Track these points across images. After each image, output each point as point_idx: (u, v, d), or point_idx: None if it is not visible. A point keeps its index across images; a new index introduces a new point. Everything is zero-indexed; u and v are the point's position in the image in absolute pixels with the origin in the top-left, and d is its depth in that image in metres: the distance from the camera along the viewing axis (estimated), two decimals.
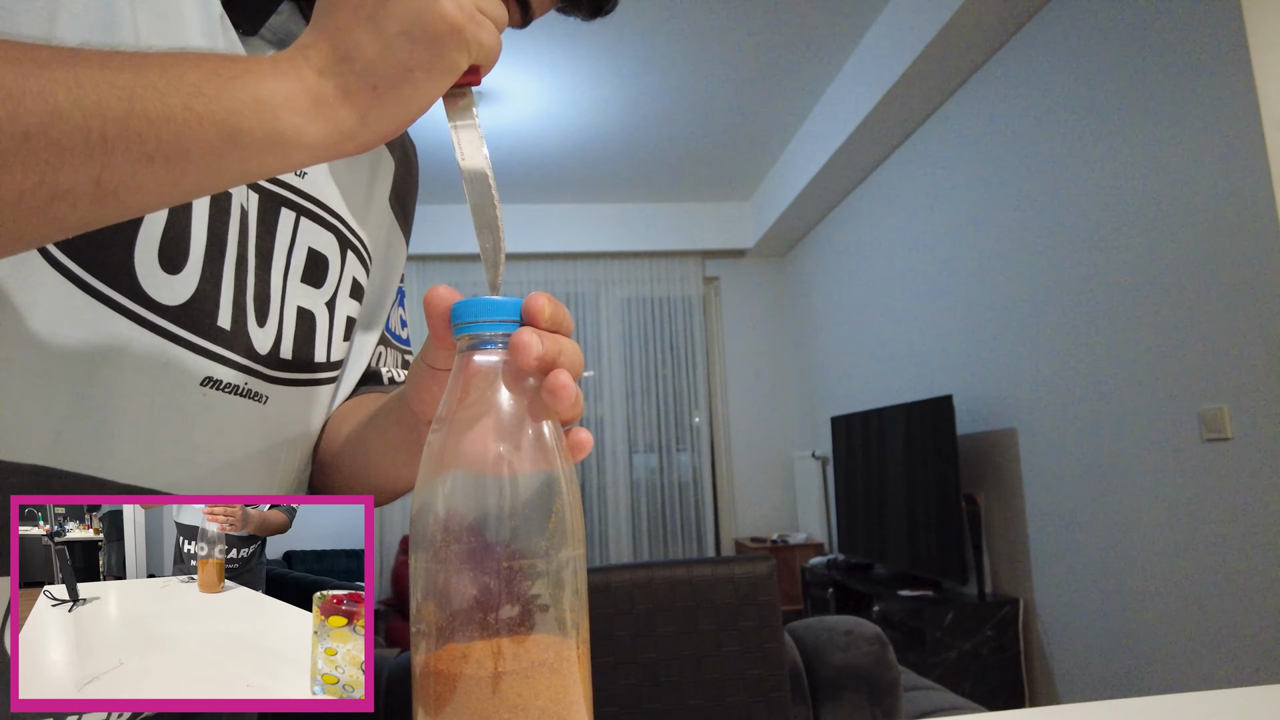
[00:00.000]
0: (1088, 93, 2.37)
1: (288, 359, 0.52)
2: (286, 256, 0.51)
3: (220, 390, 0.47)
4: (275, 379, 0.51)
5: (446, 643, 0.33)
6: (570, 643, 0.35)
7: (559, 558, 0.35)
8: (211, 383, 0.47)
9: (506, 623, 0.33)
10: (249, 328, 0.48)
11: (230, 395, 0.48)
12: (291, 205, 0.51)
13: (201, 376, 0.46)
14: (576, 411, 0.38)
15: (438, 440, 0.36)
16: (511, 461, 0.35)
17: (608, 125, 4.00)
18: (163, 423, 0.45)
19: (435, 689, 0.33)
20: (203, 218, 0.45)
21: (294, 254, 0.52)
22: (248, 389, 0.49)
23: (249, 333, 0.48)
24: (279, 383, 0.52)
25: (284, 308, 0.51)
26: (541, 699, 0.33)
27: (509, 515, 0.34)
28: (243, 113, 0.32)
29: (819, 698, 1.22)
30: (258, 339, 0.49)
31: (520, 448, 0.36)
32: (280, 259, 0.51)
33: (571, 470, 0.37)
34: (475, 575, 0.34)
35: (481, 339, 0.36)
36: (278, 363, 0.51)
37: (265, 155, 0.34)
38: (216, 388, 0.47)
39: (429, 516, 0.35)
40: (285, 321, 0.52)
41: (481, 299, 0.36)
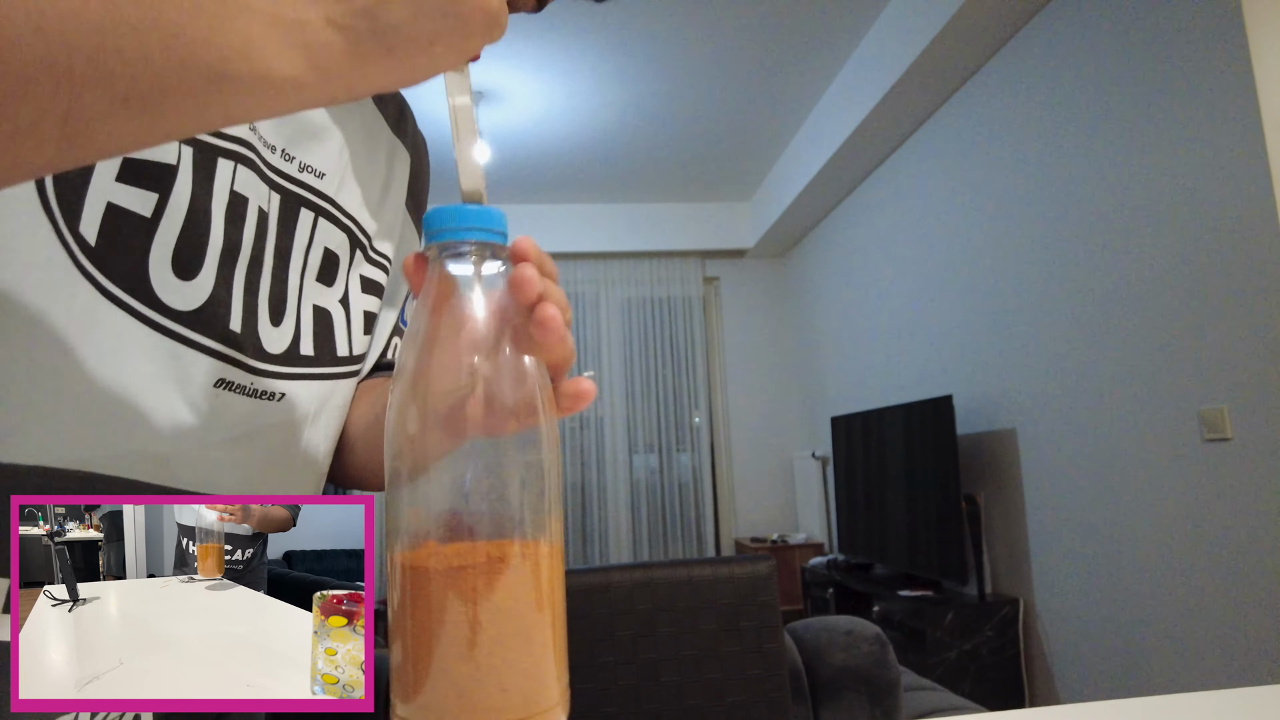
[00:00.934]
0: (1087, 93, 2.37)
1: (309, 355, 0.53)
2: (304, 255, 0.52)
3: (233, 391, 0.48)
4: (293, 375, 0.52)
5: (419, 545, 0.34)
6: (539, 544, 0.35)
7: (530, 461, 0.35)
8: (224, 384, 0.47)
9: (479, 527, 0.34)
10: (259, 329, 0.49)
11: (242, 396, 0.49)
12: (311, 206, 0.52)
13: (215, 379, 0.47)
14: (567, 350, 0.37)
15: (408, 350, 0.36)
16: (486, 377, 0.35)
17: (608, 125, 4.00)
18: (179, 424, 0.45)
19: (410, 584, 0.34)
20: (220, 224, 0.45)
21: (311, 253, 0.52)
22: (256, 389, 0.50)
23: (259, 334, 0.49)
24: (298, 378, 0.52)
25: (300, 306, 0.52)
26: (499, 595, 0.33)
27: (481, 421, 0.34)
28: (230, 59, 0.30)
29: (819, 698, 1.22)
30: (270, 339, 0.49)
31: (496, 363, 0.36)
32: (298, 258, 0.51)
33: (545, 379, 0.37)
34: (449, 482, 0.34)
35: (455, 247, 0.36)
36: (298, 359, 0.52)
37: (251, 100, 0.31)
38: (229, 389, 0.48)
39: (402, 421, 0.35)
40: (303, 320, 0.52)
41: (457, 205, 0.36)
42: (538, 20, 3.04)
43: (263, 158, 0.48)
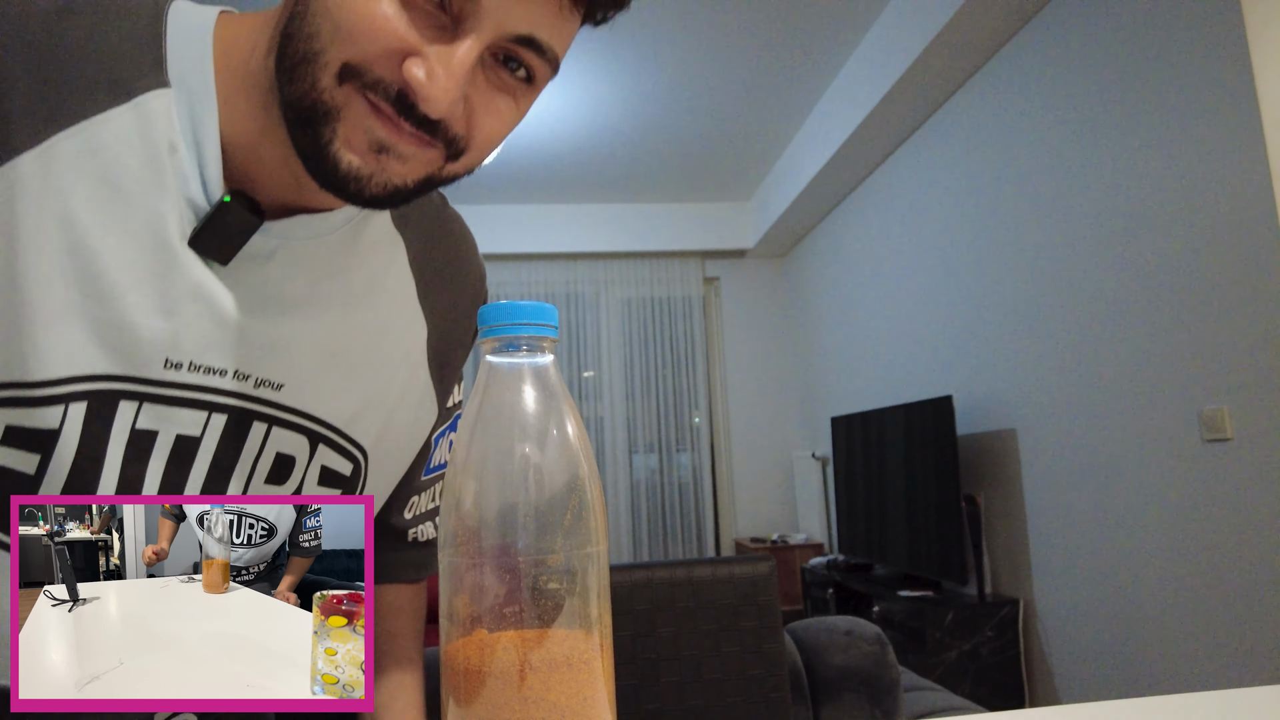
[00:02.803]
0: (1087, 93, 2.37)
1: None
2: (252, 464, 0.52)
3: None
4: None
5: (470, 634, 0.34)
6: (592, 637, 0.35)
7: (581, 554, 0.35)
8: None
9: (528, 617, 0.34)
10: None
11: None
12: (264, 417, 0.52)
13: None
14: None
15: (464, 440, 0.36)
16: (535, 461, 0.36)
17: (608, 126, 4.00)
18: None
19: (463, 680, 0.34)
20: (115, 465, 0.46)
21: (261, 460, 0.53)
22: None
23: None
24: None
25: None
26: (554, 693, 0.33)
27: (533, 513, 0.35)
28: None
29: (819, 698, 1.22)
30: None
31: (544, 448, 0.36)
32: (244, 468, 0.52)
33: (593, 468, 0.37)
34: (498, 571, 0.34)
35: (505, 341, 0.37)
36: None
37: None
38: None
39: (456, 513, 0.35)
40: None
41: (507, 303, 0.37)
42: None
43: (201, 385, 0.48)
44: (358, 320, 0.56)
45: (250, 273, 0.49)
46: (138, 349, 0.45)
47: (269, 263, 0.50)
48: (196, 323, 0.47)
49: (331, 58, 0.42)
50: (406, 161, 0.45)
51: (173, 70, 0.46)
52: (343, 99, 0.43)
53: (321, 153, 0.44)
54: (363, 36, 0.42)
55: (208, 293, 0.47)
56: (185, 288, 0.46)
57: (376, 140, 0.44)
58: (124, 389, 0.45)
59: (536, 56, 0.46)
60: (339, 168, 0.44)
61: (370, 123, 0.44)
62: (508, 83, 0.47)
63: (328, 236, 0.53)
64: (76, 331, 0.43)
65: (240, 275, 0.49)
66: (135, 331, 0.44)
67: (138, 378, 0.45)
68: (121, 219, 0.44)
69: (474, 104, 0.46)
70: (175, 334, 0.46)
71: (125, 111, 0.44)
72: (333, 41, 0.42)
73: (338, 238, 0.54)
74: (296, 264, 0.52)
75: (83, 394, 0.43)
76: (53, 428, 0.43)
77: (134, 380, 0.45)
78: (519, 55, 0.45)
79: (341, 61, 0.42)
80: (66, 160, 0.42)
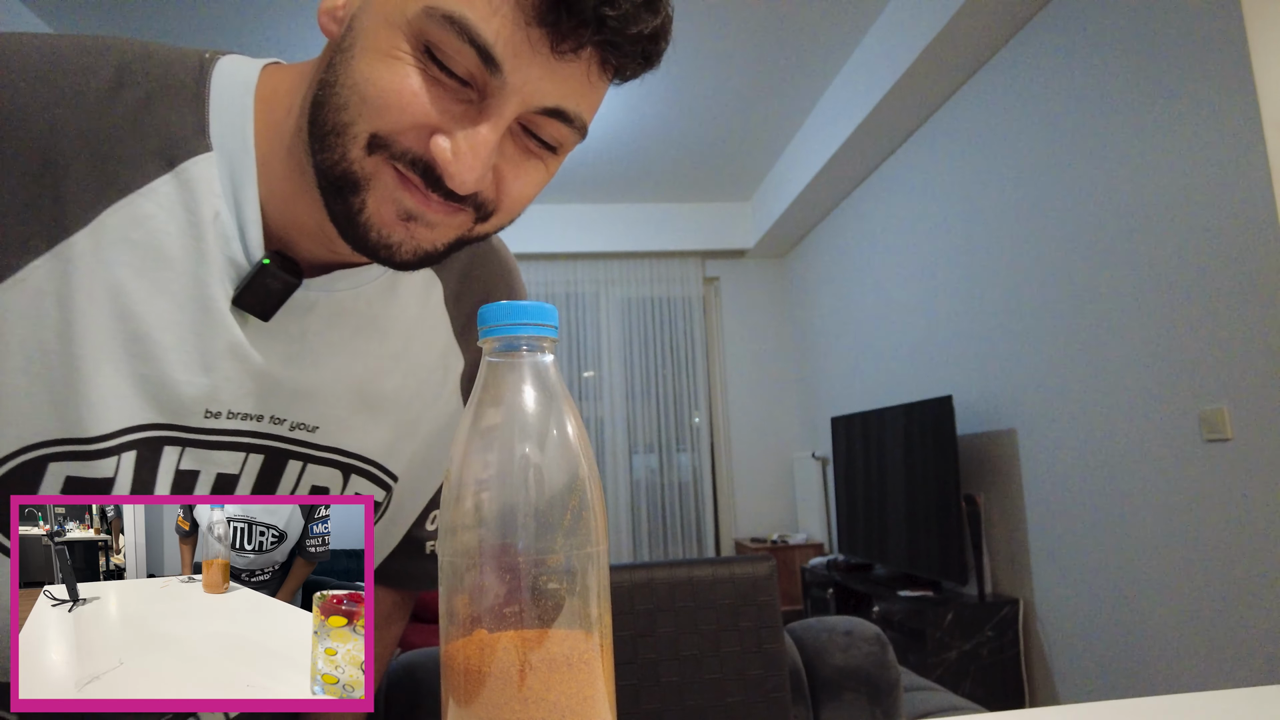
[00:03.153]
0: (1087, 93, 2.37)
1: None
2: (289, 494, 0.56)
3: None
4: None
5: (470, 634, 0.34)
6: (592, 638, 0.35)
7: (581, 554, 0.35)
8: None
9: (528, 617, 0.34)
10: None
11: None
12: (299, 456, 0.55)
13: None
14: None
15: (464, 440, 0.36)
16: (535, 461, 0.36)
17: (608, 126, 4.00)
18: None
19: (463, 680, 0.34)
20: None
21: (297, 493, 0.56)
22: None
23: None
24: None
25: None
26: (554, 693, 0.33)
27: (533, 513, 0.35)
28: None
29: (819, 698, 1.22)
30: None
31: (544, 448, 0.36)
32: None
33: (594, 468, 0.37)
34: (498, 571, 0.34)
35: (505, 341, 0.37)
36: None
37: None
38: None
39: (456, 513, 0.35)
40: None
41: (507, 303, 0.37)
42: None
43: (238, 430, 0.51)
44: (393, 363, 0.58)
45: (291, 324, 0.52)
46: (180, 403, 0.48)
47: (309, 314, 0.52)
48: (234, 377, 0.49)
49: (360, 130, 0.43)
50: (435, 228, 0.47)
51: (214, 133, 0.48)
52: (372, 169, 0.44)
53: (353, 220, 0.45)
54: (390, 112, 0.43)
55: (245, 351, 0.49)
56: (224, 346, 0.49)
57: (405, 210, 0.45)
58: (168, 436, 0.48)
59: (564, 125, 0.47)
60: (369, 236, 0.46)
61: (399, 194, 0.45)
62: (535, 149, 0.48)
63: (367, 286, 0.55)
64: (125, 388, 0.46)
65: (282, 327, 0.51)
66: (177, 388, 0.47)
67: (180, 425, 0.49)
68: (165, 283, 0.46)
69: (503, 171, 0.47)
70: (214, 388, 0.49)
71: (168, 181, 0.46)
72: (361, 114, 0.43)
73: (375, 288, 0.56)
74: (336, 314, 0.54)
75: (132, 444, 0.47)
76: (108, 476, 0.46)
77: (177, 429, 0.49)
78: (546, 126, 0.46)
79: (369, 133, 0.43)
80: (115, 233, 0.45)
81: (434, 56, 0.43)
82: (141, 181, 0.46)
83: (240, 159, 0.48)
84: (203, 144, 0.47)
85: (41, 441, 0.44)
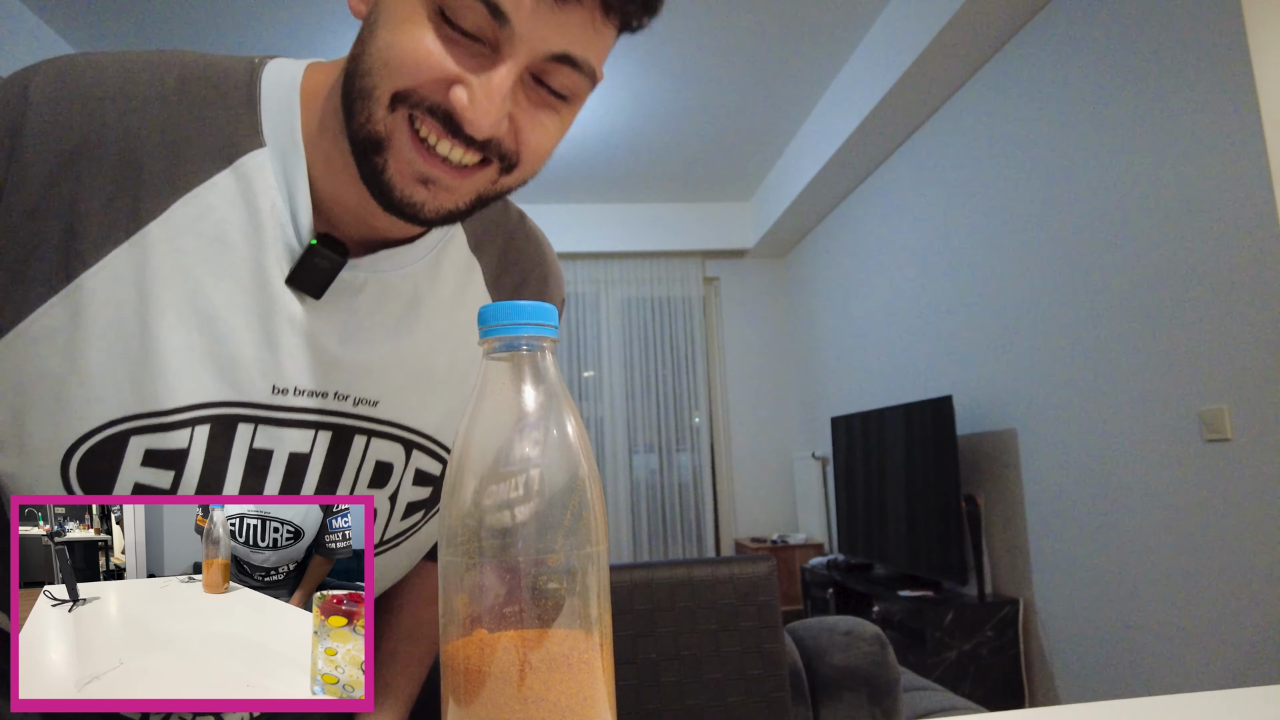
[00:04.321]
0: (1088, 93, 2.37)
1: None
2: (356, 470, 0.58)
3: None
4: None
5: (470, 634, 0.34)
6: (591, 638, 0.35)
7: (581, 554, 0.35)
8: None
9: (528, 616, 0.34)
10: None
11: None
12: (363, 431, 0.58)
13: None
14: None
15: (464, 439, 0.36)
16: (536, 461, 0.36)
17: (608, 125, 4.00)
18: None
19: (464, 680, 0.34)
20: (236, 478, 0.52)
21: (363, 468, 0.59)
22: None
23: None
24: None
25: None
26: (554, 693, 0.33)
27: (533, 513, 0.35)
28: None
29: (819, 698, 1.22)
30: None
31: (544, 448, 0.36)
32: (349, 475, 0.58)
33: (593, 468, 0.37)
34: (498, 570, 0.35)
35: (506, 341, 0.37)
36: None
37: None
38: None
39: (456, 513, 0.35)
40: None
41: (507, 303, 0.37)
42: None
43: (306, 407, 0.55)
44: (441, 341, 0.62)
45: (342, 305, 0.56)
46: (248, 378, 0.52)
47: (359, 295, 0.56)
48: (296, 354, 0.53)
49: (384, 90, 0.48)
50: (453, 190, 0.51)
51: (267, 130, 0.53)
52: (392, 126, 0.48)
53: (378, 180, 0.50)
54: (409, 69, 0.47)
55: (304, 326, 0.54)
56: (284, 324, 0.53)
57: (420, 173, 0.49)
58: (240, 414, 0.52)
59: (574, 72, 0.50)
60: (394, 195, 0.50)
61: (412, 156, 0.49)
62: (549, 99, 0.51)
63: (411, 266, 0.59)
64: (197, 365, 0.50)
65: (334, 308, 0.55)
66: (245, 364, 0.52)
67: (250, 403, 0.52)
68: (229, 268, 0.51)
69: (519, 122, 0.50)
70: (278, 363, 0.53)
71: (228, 176, 0.52)
72: (384, 77, 0.47)
73: (420, 268, 0.60)
74: (384, 295, 0.58)
75: (206, 419, 0.51)
76: (182, 448, 0.50)
77: (247, 405, 0.52)
78: (557, 74, 0.49)
79: (392, 92, 0.48)
80: (184, 224, 0.50)
81: (447, 18, 0.47)
82: (205, 177, 0.51)
83: (290, 151, 0.53)
84: (257, 140, 0.53)
85: (123, 417, 0.49)
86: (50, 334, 0.47)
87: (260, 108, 0.54)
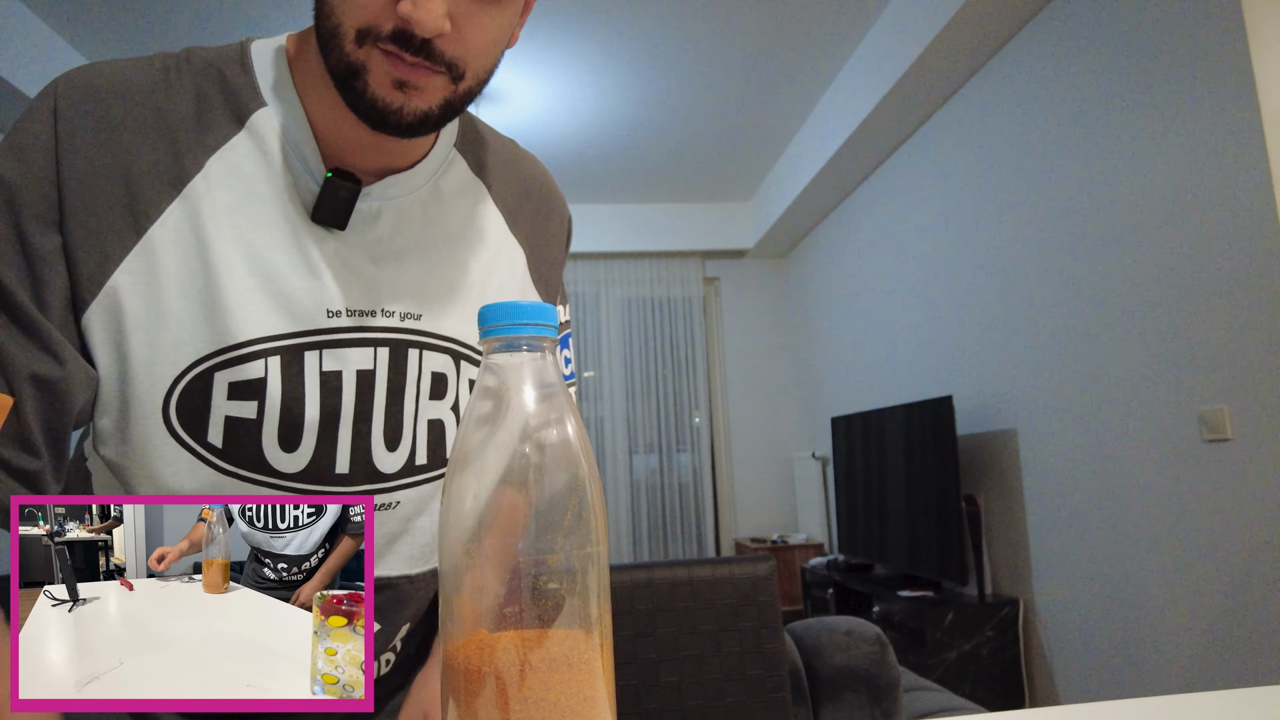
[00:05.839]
0: (1088, 93, 2.37)
1: (423, 464, 0.65)
2: (416, 384, 0.64)
3: None
4: (408, 484, 0.65)
5: (470, 634, 0.34)
6: (592, 638, 0.35)
7: (581, 554, 0.35)
8: None
9: (528, 617, 0.34)
10: (374, 459, 0.62)
11: None
12: (415, 345, 0.64)
13: None
14: None
15: (464, 439, 0.36)
16: (535, 461, 0.36)
17: (608, 126, 4.00)
18: None
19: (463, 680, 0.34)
20: (314, 400, 0.58)
21: (421, 380, 0.64)
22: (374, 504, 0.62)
23: (374, 463, 0.62)
24: (412, 486, 0.65)
25: (416, 426, 0.64)
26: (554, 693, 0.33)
27: (533, 513, 0.35)
28: None
29: (819, 698, 1.22)
30: (385, 463, 0.63)
31: (544, 448, 0.36)
32: (411, 388, 0.63)
33: (594, 468, 0.37)
34: (499, 570, 0.34)
35: (506, 341, 0.37)
36: (413, 470, 0.64)
37: None
38: None
39: (456, 514, 0.35)
40: (418, 437, 0.65)
41: (507, 303, 0.37)
42: (538, 20, 3.04)
43: (359, 326, 0.61)
44: (464, 256, 0.68)
45: (365, 232, 0.62)
46: (302, 308, 0.58)
47: (377, 222, 0.63)
48: (339, 279, 0.60)
49: (347, 26, 0.54)
50: (424, 91, 0.56)
51: (265, 91, 0.61)
52: (365, 56, 0.54)
53: (361, 100, 0.55)
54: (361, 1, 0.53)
55: (338, 254, 0.61)
56: (319, 254, 0.60)
57: (396, 79, 0.55)
58: (304, 342, 0.59)
59: None
60: (375, 106, 0.55)
61: (388, 67, 0.54)
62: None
63: (417, 191, 0.66)
64: (257, 300, 0.57)
65: (358, 235, 0.62)
66: (296, 294, 0.58)
67: (310, 330, 0.59)
68: (264, 214, 0.58)
69: (460, 25, 0.55)
70: (325, 289, 0.59)
71: (243, 135, 0.59)
72: (345, 15, 0.54)
73: (425, 191, 0.66)
74: (399, 219, 0.64)
75: (275, 350, 0.57)
76: (259, 377, 0.57)
77: (308, 334, 0.59)
78: None
79: (355, 28, 0.53)
80: (219, 178, 0.58)
81: None
82: (225, 138, 0.59)
83: (289, 105, 0.61)
84: (259, 101, 0.60)
85: (206, 355, 0.56)
86: (135, 286, 0.54)
87: (255, 73, 0.61)
